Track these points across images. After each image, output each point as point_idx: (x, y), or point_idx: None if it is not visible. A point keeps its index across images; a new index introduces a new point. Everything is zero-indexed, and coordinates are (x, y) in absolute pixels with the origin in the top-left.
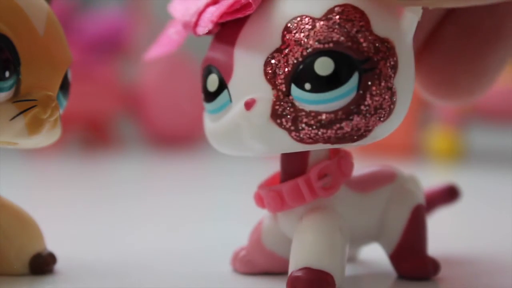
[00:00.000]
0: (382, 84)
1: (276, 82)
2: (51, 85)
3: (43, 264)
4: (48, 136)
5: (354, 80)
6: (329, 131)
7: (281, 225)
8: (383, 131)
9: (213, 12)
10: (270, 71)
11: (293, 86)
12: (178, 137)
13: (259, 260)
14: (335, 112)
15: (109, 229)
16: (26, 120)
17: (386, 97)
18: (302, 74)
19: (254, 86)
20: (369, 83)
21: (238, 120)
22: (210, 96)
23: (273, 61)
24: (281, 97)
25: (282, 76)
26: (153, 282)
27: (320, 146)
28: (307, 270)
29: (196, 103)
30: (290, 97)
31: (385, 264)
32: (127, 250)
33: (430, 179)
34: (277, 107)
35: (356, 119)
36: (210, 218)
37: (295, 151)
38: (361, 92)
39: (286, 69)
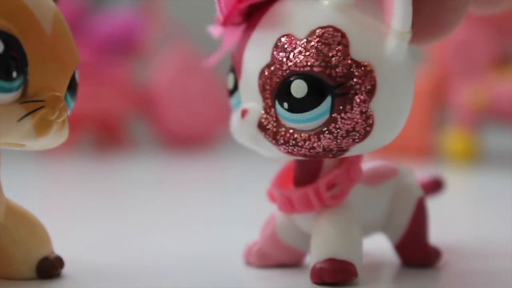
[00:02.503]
0: (355, 108)
1: (265, 96)
2: (58, 85)
3: (50, 268)
4: (55, 137)
5: (326, 103)
6: (302, 150)
7: (296, 221)
8: (364, 148)
9: None
10: (261, 84)
11: (276, 103)
12: (191, 138)
13: (274, 253)
14: (308, 132)
15: (118, 231)
16: (33, 121)
17: (360, 121)
18: (282, 93)
19: (252, 94)
20: (341, 107)
21: (238, 126)
22: (229, 93)
23: (263, 75)
24: (268, 110)
25: (268, 92)
26: (162, 286)
27: (300, 157)
28: (331, 261)
29: (209, 104)
30: (275, 112)
31: (387, 254)
32: (137, 253)
33: (446, 180)
34: (263, 120)
35: (327, 141)
36: (222, 220)
37: (290, 159)
38: (333, 115)
39: (272, 86)
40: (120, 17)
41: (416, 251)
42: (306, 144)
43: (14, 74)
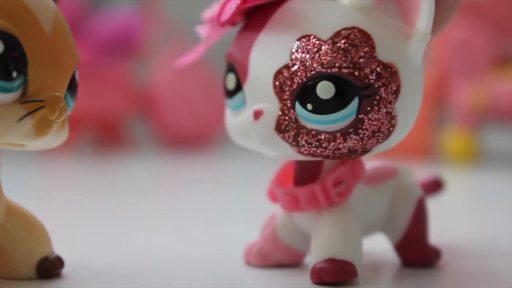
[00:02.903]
0: (382, 109)
1: (283, 97)
2: (58, 85)
3: (50, 268)
4: (55, 137)
5: (354, 104)
6: (326, 151)
7: (297, 221)
8: (382, 148)
9: None
10: (278, 85)
11: (297, 104)
12: (191, 138)
13: (274, 253)
14: (333, 133)
15: (118, 231)
16: (33, 121)
17: (385, 121)
18: (305, 95)
19: (264, 95)
20: (368, 108)
21: (248, 127)
22: (229, 94)
23: (281, 76)
24: (286, 112)
25: (288, 93)
26: (162, 286)
27: (320, 158)
28: (331, 261)
29: (209, 104)
30: (295, 113)
31: (387, 254)
32: (137, 253)
33: (446, 180)
34: (281, 121)
35: (353, 141)
36: (222, 220)
37: (301, 159)
38: (360, 116)
39: (292, 87)
40: (120, 17)
41: (416, 251)
42: (331, 145)
43: (14, 74)
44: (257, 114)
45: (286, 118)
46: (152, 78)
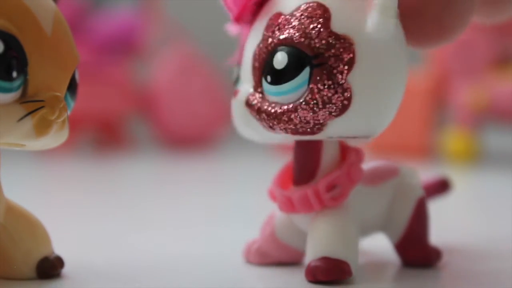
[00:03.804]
0: (331, 79)
1: (255, 74)
2: (58, 85)
3: (50, 268)
4: (55, 137)
5: (305, 74)
6: (281, 122)
7: (295, 220)
8: (343, 126)
9: None
10: (253, 64)
11: (262, 79)
12: (191, 138)
13: (273, 252)
14: (287, 104)
15: (118, 231)
16: (33, 121)
17: (337, 92)
18: (266, 67)
19: (247, 77)
20: (318, 77)
21: (233, 109)
22: (234, 82)
23: (254, 56)
24: (256, 88)
25: (257, 69)
26: (162, 286)
27: (289, 138)
28: (326, 259)
29: (209, 104)
30: (261, 88)
31: (387, 254)
32: (137, 253)
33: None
34: (250, 96)
35: (304, 112)
36: (222, 220)
37: (280, 141)
38: (311, 86)
39: (260, 62)
40: (120, 17)
41: (416, 251)
42: (284, 116)
43: (14, 74)
44: (235, 93)
45: (255, 93)
46: (152, 78)
